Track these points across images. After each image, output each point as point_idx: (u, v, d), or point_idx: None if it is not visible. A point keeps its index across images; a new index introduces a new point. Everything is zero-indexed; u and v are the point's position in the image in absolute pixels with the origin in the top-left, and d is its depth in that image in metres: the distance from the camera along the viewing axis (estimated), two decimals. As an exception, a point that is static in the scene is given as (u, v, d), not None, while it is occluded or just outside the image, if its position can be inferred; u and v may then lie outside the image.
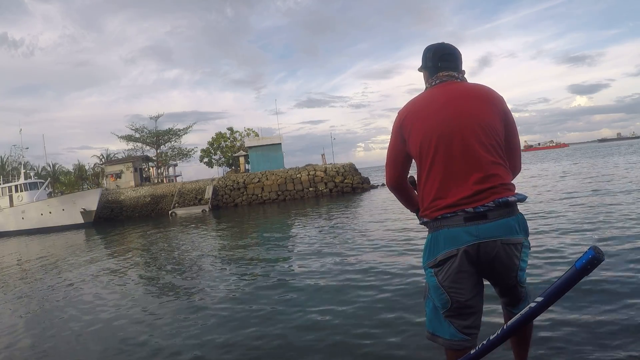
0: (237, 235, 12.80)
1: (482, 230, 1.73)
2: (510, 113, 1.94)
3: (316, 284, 5.52)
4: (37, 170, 47.01)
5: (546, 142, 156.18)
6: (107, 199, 30.51)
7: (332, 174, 28.37)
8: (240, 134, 43.92)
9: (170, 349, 3.84)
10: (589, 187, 13.33)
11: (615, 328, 3.15)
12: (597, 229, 6.88)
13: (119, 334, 4.44)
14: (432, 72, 2.01)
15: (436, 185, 1.82)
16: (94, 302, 6.01)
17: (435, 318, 1.88)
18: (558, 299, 1.58)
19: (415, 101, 1.99)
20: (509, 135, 1.92)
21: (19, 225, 27.11)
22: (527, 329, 2.04)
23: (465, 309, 1.81)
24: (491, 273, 1.84)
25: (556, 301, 1.58)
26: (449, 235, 1.78)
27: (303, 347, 3.54)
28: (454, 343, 1.83)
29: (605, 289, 3.98)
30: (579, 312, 3.53)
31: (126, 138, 40.37)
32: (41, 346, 4.39)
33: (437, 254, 1.82)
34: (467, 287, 1.80)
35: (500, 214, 1.75)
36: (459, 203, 1.76)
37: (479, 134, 1.80)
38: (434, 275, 1.84)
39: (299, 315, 4.36)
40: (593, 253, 1.45)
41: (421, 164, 1.88)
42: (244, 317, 4.52)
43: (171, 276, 7.36)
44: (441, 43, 2.06)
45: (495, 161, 1.80)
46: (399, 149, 1.99)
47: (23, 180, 29.40)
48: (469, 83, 1.99)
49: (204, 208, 26.67)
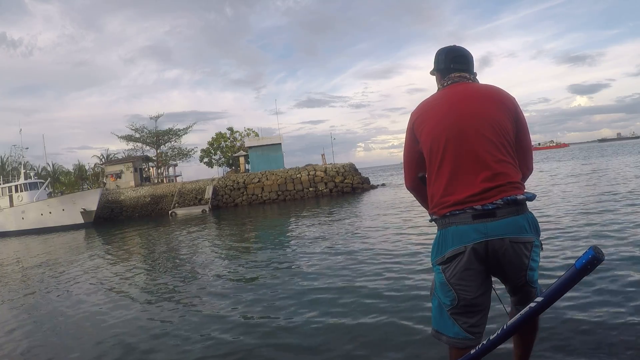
0: (237, 236, 12.80)
1: (490, 228, 1.74)
2: (521, 113, 1.95)
3: (317, 284, 5.51)
4: (37, 170, 47.04)
5: (546, 142, 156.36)
6: (107, 199, 30.52)
7: (332, 174, 28.37)
8: (240, 134, 43.98)
9: (170, 349, 3.84)
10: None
11: (615, 327, 3.15)
12: (598, 228, 6.88)
13: (118, 334, 4.44)
14: (444, 74, 2.06)
15: (445, 183, 1.84)
16: (94, 302, 6.01)
17: (440, 316, 1.89)
18: (558, 298, 1.58)
19: (427, 102, 2.03)
20: (519, 135, 1.94)
21: (19, 225, 27.10)
22: (531, 331, 2.03)
23: (472, 307, 1.82)
24: (500, 271, 1.84)
25: (556, 301, 1.58)
26: (457, 232, 1.78)
27: (304, 348, 3.54)
28: (458, 341, 1.83)
29: (605, 288, 3.98)
30: (579, 311, 3.53)
31: (126, 138, 40.42)
32: (41, 346, 4.39)
33: (445, 251, 1.82)
34: (474, 285, 1.80)
35: (509, 212, 1.75)
36: (467, 200, 1.77)
37: (488, 133, 1.82)
38: (442, 272, 1.84)
39: (299, 316, 4.36)
40: (593, 253, 1.45)
41: (431, 162, 1.91)
42: (244, 317, 4.52)
43: (171, 276, 7.36)
44: (453, 46, 2.10)
45: (504, 160, 1.81)
46: (414, 149, 2.02)
47: (23, 181, 29.39)
48: (480, 84, 2.02)
49: (204, 208, 26.66)
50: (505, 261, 1.77)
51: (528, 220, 1.80)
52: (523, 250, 1.77)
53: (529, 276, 1.82)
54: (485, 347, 1.71)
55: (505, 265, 1.79)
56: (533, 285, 1.86)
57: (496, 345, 1.69)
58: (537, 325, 2.07)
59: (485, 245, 1.75)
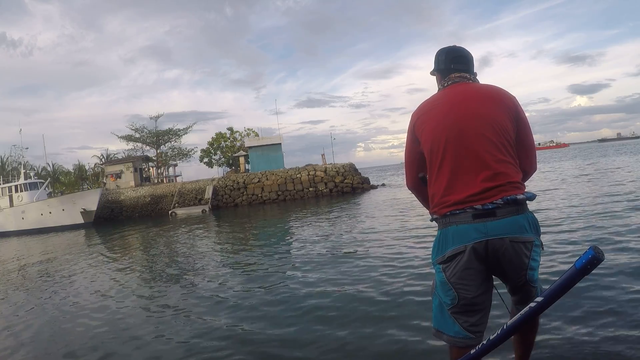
0: (237, 236, 12.80)
1: (490, 228, 1.74)
2: (522, 111, 1.96)
3: (317, 284, 5.51)
4: (37, 171, 47.04)
5: (546, 142, 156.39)
6: (107, 199, 30.53)
7: (332, 174, 28.37)
8: (240, 134, 43.99)
9: (170, 349, 3.84)
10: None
11: (616, 328, 3.15)
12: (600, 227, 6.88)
13: (118, 335, 4.44)
14: (444, 74, 2.06)
15: (445, 183, 1.85)
16: (94, 302, 6.01)
17: (440, 315, 1.90)
18: (558, 299, 1.58)
19: (427, 102, 2.04)
20: (521, 133, 1.94)
21: (19, 225, 27.10)
22: (532, 330, 2.04)
23: (472, 306, 1.82)
24: (500, 271, 1.84)
25: (556, 301, 1.58)
26: (458, 231, 1.79)
27: (305, 349, 3.54)
28: (458, 340, 1.84)
29: (605, 287, 3.98)
30: (579, 312, 3.53)
31: (126, 138, 40.42)
32: (41, 346, 4.39)
33: (445, 250, 1.83)
34: (475, 284, 1.81)
35: (509, 212, 1.76)
36: (468, 200, 1.78)
37: (489, 133, 1.83)
38: (442, 271, 1.85)
39: (300, 316, 4.36)
40: (593, 253, 1.45)
41: (431, 162, 1.91)
42: (244, 318, 4.52)
43: (171, 276, 7.36)
44: (453, 46, 2.11)
45: (504, 159, 1.82)
46: (414, 149, 2.03)
47: (23, 181, 29.39)
48: (481, 84, 2.03)
49: (204, 208, 26.66)
50: (505, 261, 1.78)
51: (528, 219, 1.81)
52: (523, 250, 1.78)
53: (529, 276, 1.82)
54: (485, 347, 1.71)
55: (505, 265, 1.80)
56: (533, 285, 1.86)
57: (496, 345, 1.69)
58: (537, 325, 2.07)
59: (485, 245, 1.76)
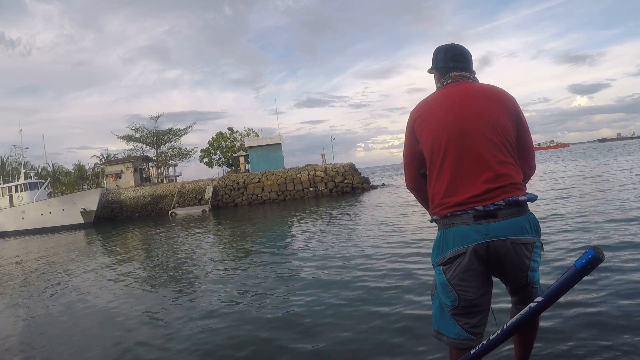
0: (237, 236, 12.79)
1: (491, 229, 1.73)
2: (521, 113, 1.95)
3: (317, 284, 5.51)
4: (37, 171, 47.04)
5: (546, 142, 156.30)
6: (107, 199, 30.52)
7: (332, 174, 28.36)
8: (240, 134, 43.97)
9: (170, 349, 3.84)
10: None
11: (616, 327, 3.15)
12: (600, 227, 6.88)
13: (117, 336, 4.44)
14: (443, 73, 2.04)
15: (446, 184, 1.83)
16: (94, 303, 6.01)
17: (440, 316, 1.89)
18: (558, 299, 1.58)
19: (426, 101, 2.01)
20: (521, 135, 1.93)
21: (19, 225, 27.08)
22: (532, 330, 2.03)
23: (473, 308, 1.82)
24: (501, 272, 1.84)
25: (556, 301, 1.58)
26: (459, 233, 1.78)
27: (305, 348, 3.54)
28: (458, 342, 1.83)
29: (605, 286, 3.97)
30: (579, 310, 3.52)
31: (126, 138, 40.42)
32: (40, 346, 4.39)
33: (446, 252, 1.82)
34: (475, 286, 1.80)
35: (511, 213, 1.75)
36: (469, 201, 1.77)
37: (490, 134, 1.81)
38: (443, 272, 1.84)
39: (299, 318, 4.36)
40: (593, 253, 1.45)
41: (432, 162, 1.89)
42: (244, 318, 4.52)
43: (171, 277, 7.36)
44: (452, 44, 2.08)
45: (505, 160, 1.81)
46: (414, 149, 2.01)
47: (23, 181, 29.37)
48: (480, 83, 2.01)
49: (204, 208, 26.65)
50: (507, 262, 1.77)
51: (529, 221, 1.80)
52: (524, 251, 1.77)
53: (529, 277, 1.82)
54: (485, 347, 1.71)
55: (506, 266, 1.79)
56: (534, 286, 1.86)
57: (496, 345, 1.69)
58: (537, 325, 2.07)
59: (486, 246, 1.75)
